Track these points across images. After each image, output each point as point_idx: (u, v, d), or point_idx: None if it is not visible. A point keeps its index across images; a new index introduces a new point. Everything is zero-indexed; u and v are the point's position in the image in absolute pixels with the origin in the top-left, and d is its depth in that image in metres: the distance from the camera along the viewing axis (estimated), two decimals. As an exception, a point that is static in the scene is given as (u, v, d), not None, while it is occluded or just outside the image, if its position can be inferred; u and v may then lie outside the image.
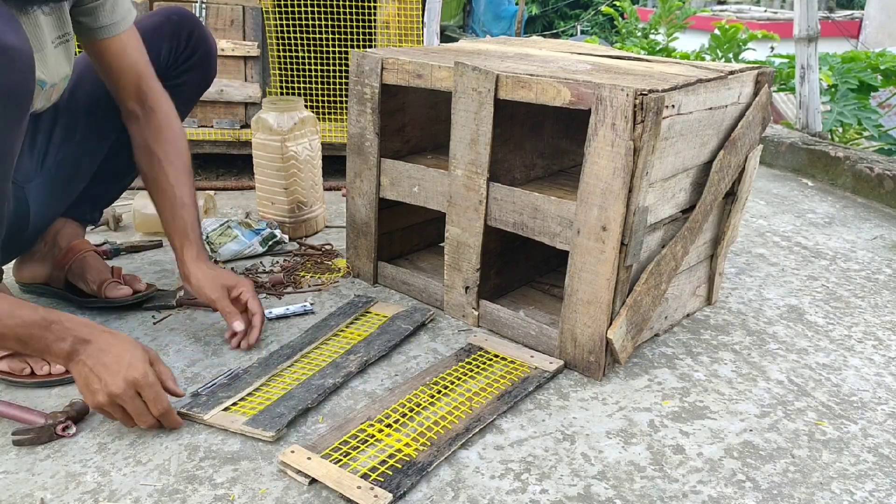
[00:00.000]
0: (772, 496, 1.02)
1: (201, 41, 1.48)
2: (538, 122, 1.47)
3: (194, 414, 1.12)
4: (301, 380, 1.22)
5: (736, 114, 1.40)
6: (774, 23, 7.66)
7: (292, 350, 1.32)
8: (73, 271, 1.45)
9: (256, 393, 1.18)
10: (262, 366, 1.26)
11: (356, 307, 1.49)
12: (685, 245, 1.36)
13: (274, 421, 1.10)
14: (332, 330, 1.39)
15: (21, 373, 1.19)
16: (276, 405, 1.14)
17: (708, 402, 1.24)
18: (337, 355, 1.30)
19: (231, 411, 1.13)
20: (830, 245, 2.03)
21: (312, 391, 1.18)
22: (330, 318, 1.44)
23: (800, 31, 2.87)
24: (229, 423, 1.10)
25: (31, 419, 1.08)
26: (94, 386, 1.03)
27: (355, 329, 1.41)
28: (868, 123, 3.06)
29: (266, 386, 1.20)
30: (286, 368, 1.26)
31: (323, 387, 1.19)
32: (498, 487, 1.01)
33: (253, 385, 1.20)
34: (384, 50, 1.56)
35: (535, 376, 1.27)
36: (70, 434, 1.08)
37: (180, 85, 1.47)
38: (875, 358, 1.42)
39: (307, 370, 1.26)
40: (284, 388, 1.20)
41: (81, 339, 1.05)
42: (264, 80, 2.32)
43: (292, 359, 1.28)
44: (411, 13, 2.28)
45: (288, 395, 1.17)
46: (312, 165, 1.89)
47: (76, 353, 1.04)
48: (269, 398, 1.17)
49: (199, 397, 1.16)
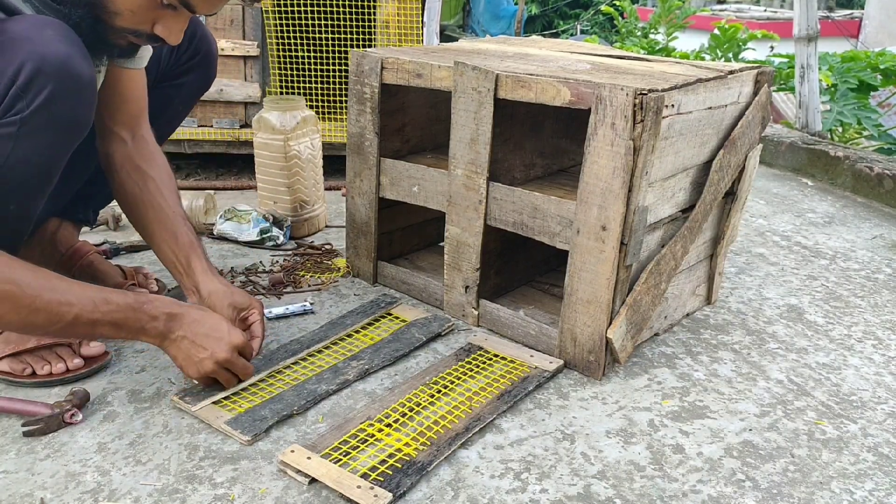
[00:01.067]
0: (771, 495, 1.02)
1: (204, 42, 1.49)
2: (538, 121, 1.47)
3: (184, 404, 1.12)
4: (298, 381, 1.21)
5: (736, 113, 1.40)
6: (774, 22, 7.66)
7: (300, 346, 1.31)
8: (83, 275, 1.45)
9: (252, 388, 1.18)
10: (266, 360, 1.26)
11: (378, 307, 1.48)
12: (685, 244, 1.36)
13: (255, 424, 1.09)
14: (346, 329, 1.38)
15: (22, 373, 1.19)
16: (262, 406, 1.13)
17: (708, 401, 1.24)
18: (341, 359, 1.29)
19: (220, 405, 1.13)
20: (830, 244, 2.03)
21: (303, 396, 1.17)
22: (348, 316, 1.44)
23: (799, 31, 2.87)
24: (213, 419, 1.10)
25: (37, 410, 1.09)
26: (200, 355, 1.11)
27: (370, 331, 1.39)
28: (868, 123, 3.06)
29: (264, 382, 1.20)
30: (289, 366, 1.26)
31: (315, 392, 1.18)
32: (498, 487, 1.01)
33: (251, 380, 1.20)
34: (384, 49, 1.56)
35: (535, 376, 1.27)
36: (77, 421, 1.09)
37: (181, 85, 1.47)
38: (875, 357, 1.42)
39: (307, 372, 1.25)
40: (279, 388, 1.19)
41: (173, 315, 1.11)
42: (264, 79, 2.32)
43: (297, 356, 1.28)
44: (411, 13, 2.28)
45: (278, 398, 1.16)
46: (314, 164, 1.89)
47: (171, 331, 1.10)
48: (260, 397, 1.16)
49: (195, 386, 1.16)
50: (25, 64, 0.98)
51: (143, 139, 1.34)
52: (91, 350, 1.24)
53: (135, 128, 1.33)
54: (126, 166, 1.32)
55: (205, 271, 1.28)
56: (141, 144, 1.33)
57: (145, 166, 1.32)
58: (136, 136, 1.33)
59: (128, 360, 1.28)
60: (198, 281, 1.27)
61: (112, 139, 1.32)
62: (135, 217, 1.33)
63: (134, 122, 1.33)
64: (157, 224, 1.30)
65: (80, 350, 1.24)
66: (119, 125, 1.32)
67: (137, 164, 1.32)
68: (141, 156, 1.33)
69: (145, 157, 1.33)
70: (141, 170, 1.32)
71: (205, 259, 1.30)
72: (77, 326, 1.03)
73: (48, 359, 1.20)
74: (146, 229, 1.32)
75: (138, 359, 1.28)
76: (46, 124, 1.02)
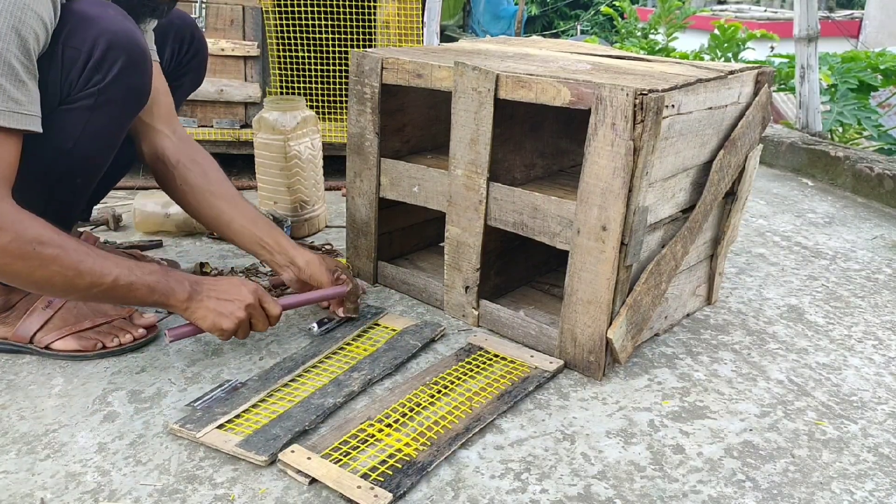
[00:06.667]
0: (772, 496, 1.02)
1: (200, 44, 1.54)
2: (538, 121, 1.47)
3: (187, 431, 1.07)
4: (302, 396, 1.17)
5: (736, 113, 1.40)
6: (774, 22, 7.66)
7: (294, 363, 1.26)
8: None
9: (254, 409, 1.13)
10: (262, 379, 1.21)
11: (364, 318, 1.44)
12: (685, 245, 1.36)
13: (268, 444, 1.04)
14: (338, 342, 1.34)
15: (94, 348, 1.27)
16: (272, 425, 1.09)
17: (708, 401, 1.24)
18: (340, 371, 1.25)
19: (226, 429, 1.08)
20: (830, 245, 2.03)
21: (311, 411, 1.13)
22: (337, 329, 1.40)
23: (800, 31, 2.87)
24: (222, 444, 1.05)
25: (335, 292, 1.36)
26: (229, 308, 1.19)
27: (362, 343, 1.36)
28: (868, 123, 3.06)
29: (264, 402, 1.16)
30: (287, 383, 1.21)
31: (323, 407, 1.14)
32: (498, 487, 1.01)
33: (251, 400, 1.15)
34: (384, 50, 1.56)
35: (535, 376, 1.27)
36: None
37: (179, 87, 1.49)
38: (875, 357, 1.42)
39: (308, 387, 1.20)
40: (283, 406, 1.15)
41: (194, 281, 1.20)
42: (264, 79, 2.32)
43: (294, 373, 1.23)
44: (411, 13, 2.28)
45: (285, 415, 1.12)
46: (314, 164, 1.89)
47: (196, 294, 1.18)
48: (267, 416, 1.12)
49: (194, 412, 1.12)
50: (99, 40, 1.09)
51: (184, 133, 1.42)
52: (146, 320, 1.34)
53: (173, 123, 1.40)
54: (182, 160, 1.38)
55: (294, 245, 1.41)
56: (186, 138, 1.42)
57: (199, 158, 1.40)
58: (176, 132, 1.40)
59: (128, 360, 1.28)
60: (292, 255, 1.39)
61: (157, 136, 1.38)
62: (203, 208, 1.40)
63: (171, 117, 1.40)
64: (233, 211, 1.39)
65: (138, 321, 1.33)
66: (158, 121, 1.37)
67: (192, 157, 1.39)
68: (192, 149, 1.41)
69: (196, 149, 1.42)
70: (197, 162, 1.39)
71: (286, 236, 1.42)
72: (116, 289, 1.10)
73: (113, 333, 1.29)
74: (220, 218, 1.39)
75: (138, 359, 1.28)
76: (119, 94, 1.13)
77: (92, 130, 1.14)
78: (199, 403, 1.15)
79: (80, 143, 1.14)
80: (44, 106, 1.07)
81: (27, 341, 1.26)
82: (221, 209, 1.38)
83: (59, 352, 1.25)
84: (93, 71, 1.10)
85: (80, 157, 1.17)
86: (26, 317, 1.25)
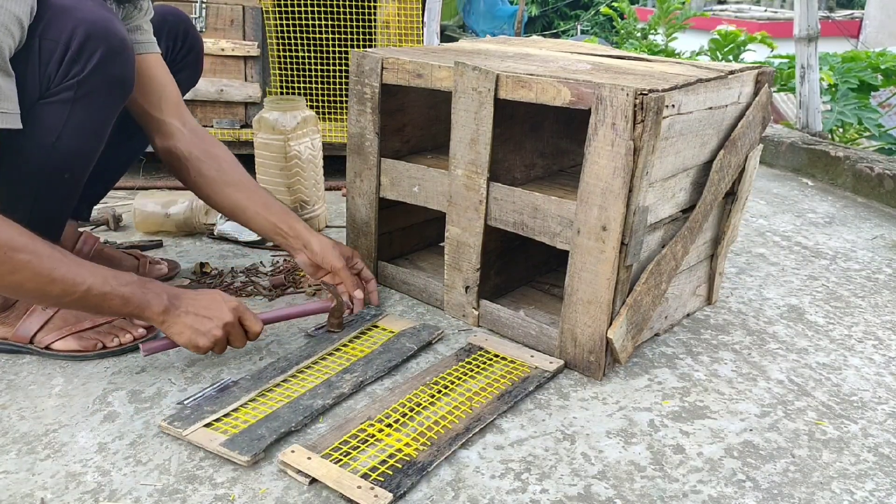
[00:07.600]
0: (772, 496, 1.02)
1: (195, 40, 1.54)
2: (538, 121, 1.47)
3: (174, 429, 1.07)
4: (291, 397, 1.16)
5: (736, 113, 1.40)
6: (774, 22, 7.66)
7: (288, 363, 1.26)
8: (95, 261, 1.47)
9: (243, 409, 1.13)
10: (254, 379, 1.21)
11: (363, 320, 1.43)
12: (685, 245, 1.36)
13: (252, 444, 1.04)
14: (334, 343, 1.34)
15: (94, 348, 1.27)
16: (258, 425, 1.08)
17: (708, 401, 1.24)
18: (333, 373, 1.24)
19: (213, 427, 1.08)
20: (830, 245, 2.03)
21: (299, 412, 1.12)
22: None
23: (800, 31, 2.87)
24: (207, 442, 1.04)
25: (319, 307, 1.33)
26: (206, 326, 1.16)
27: (358, 344, 1.35)
28: (868, 123, 3.06)
29: (254, 402, 1.15)
30: (279, 384, 1.20)
31: (311, 408, 1.13)
32: (498, 487, 1.01)
33: (241, 400, 1.14)
34: (384, 50, 1.56)
35: (536, 376, 1.27)
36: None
37: (177, 83, 1.48)
38: (875, 357, 1.42)
39: (299, 388, 1.19)
40: (272, 405, 1.14)
41: (173, 294, 1.17)
42: (264, 79, 2.32)
43: (286, 373, 1.23)
44: (411, 13, 2.28)
45: (273, 415, 1.11)
46: (314, 164, 1.89)
47: (174, 307, 1.16)
48: (254, 416, 1.11)
49: (183, 409, 1.12)
50: (76, 31, 1.07)
51: (195, 126, 1.42)
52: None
53: (183, 116, 1.40)
54: (195, 153, 1.39)
55: (309, 230, 1.42)
56: (198, 131, 1.42)
57: (213, 150, 1.41)
58: (187, 124, 1.40)
59: (128, 360, 1.28)
60: (307, 239, 1.41)
61: (167, 130, 1.38)
62: (220, 198, 1.41)
63: (179, 110, 1.40)
64: (247, 199, 1.40)
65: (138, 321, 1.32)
66: (167, 114, 1.37)
67: (206, 149, 1.40)
68: (205, 141, 1.42)
69: (209, 141, 1.42)
70: (211, 153, 1.41)
71: (302, 220, 1.44)
72: (89, 298, 1.08)
73: (113, 333, 1.29)
74: (236, 207, 1.41)
75: (138, 359, 1.28)
76: (100, 84, 1.11)
77: (75, 124, 1.12)
78: (189, 401, 1.15)
79: (64, 137, 1.12)
80: (22, 101, 1.05)
81: (27, 341, 1.26)
82: (236, 198, 1.40)
83: (60, 352, 1.25)
84: (71, 62, 1.08)
85: (66, 152, 1.14)
86: (26, 317, 1.26)
